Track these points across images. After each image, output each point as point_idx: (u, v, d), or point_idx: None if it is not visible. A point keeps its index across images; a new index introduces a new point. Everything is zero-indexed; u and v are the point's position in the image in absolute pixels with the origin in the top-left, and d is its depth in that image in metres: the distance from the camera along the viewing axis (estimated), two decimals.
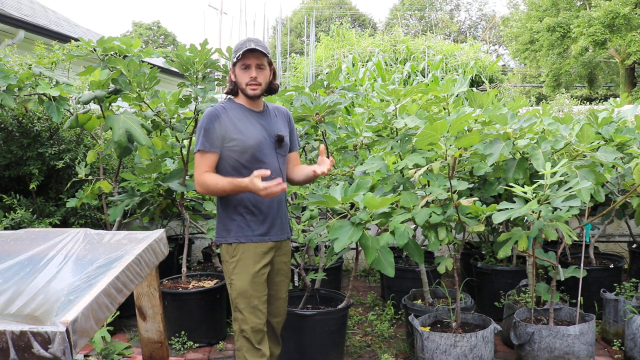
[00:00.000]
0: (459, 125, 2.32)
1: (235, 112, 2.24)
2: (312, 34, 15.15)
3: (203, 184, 2.18)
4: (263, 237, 2.27)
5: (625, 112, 3.48)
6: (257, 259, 2.25)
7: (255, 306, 2.24)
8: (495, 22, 35.30)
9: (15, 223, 3.34)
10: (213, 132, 2.18)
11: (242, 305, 2.24)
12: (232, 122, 2.21)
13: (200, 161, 2.19)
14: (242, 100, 2.29)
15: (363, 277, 5.03)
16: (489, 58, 17.12)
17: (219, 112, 2.21)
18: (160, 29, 37.04)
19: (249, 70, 2.21)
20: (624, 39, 17.40)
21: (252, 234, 2.25)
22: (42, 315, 1.12)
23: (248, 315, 2.23)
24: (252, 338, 2.24)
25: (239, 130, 2.20)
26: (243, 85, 2.23)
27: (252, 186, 2.04)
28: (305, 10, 32.01)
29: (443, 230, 2.49)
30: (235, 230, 2.25)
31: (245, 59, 2.19)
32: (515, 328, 2.86)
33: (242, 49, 2.18)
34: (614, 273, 3.75)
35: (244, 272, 2.23)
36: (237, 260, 2.25)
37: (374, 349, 3.28)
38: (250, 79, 2.21)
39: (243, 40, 2.25)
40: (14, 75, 3.03)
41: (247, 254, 2.24)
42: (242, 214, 2.25)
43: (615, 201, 3.00)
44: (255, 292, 2.24)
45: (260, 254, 2.26)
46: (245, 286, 2.23)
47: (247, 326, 2.24)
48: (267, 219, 2.28)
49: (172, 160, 3.62)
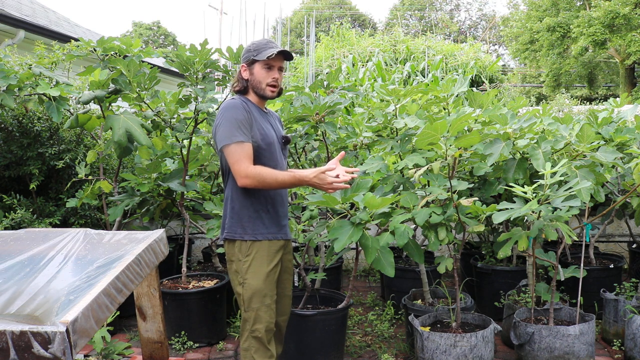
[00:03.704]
0: (459, 125, 2.32)
1: (254, 109, 2.24)
2: (312, 34, 15.15)
3: (256, 176, 2.08)
4: (277, 235, 2.29)
5: (625, 112, 3.48)
6: (271, 257, 2.25)
7: (269, 305, 2.24)
8: (495, 22, 35.29)
9: (15, 223, 3.34)
10: (247, 123, 2.14)
11: (256, 304, 2.21)
12: (255, 118, 2.20)
13: (240, 153, 2.09)
14: (252, 100, 2.27)
15: (363, 277, 5.03)
16: (489, 58, 17.12)
17: (245, 106, 2.18)
18: (160, 29, 37.03)
19: (272, 71, 2.21)
20: (624, 39, 17.40)
21: (267, 231, 2.25)
22: (42, 315, 1.12)
23: (263, 314, 2.22)
24: (264, 338, 2.23)
25: (260, 126, 2.20)
26: (263, 85, 2.22)
27: (318, 180, 2.06)
28: (305, 10, 32.01)
29: (443, 230, 2.49)
30: (251, 227, 2.22)
31: (271, 60, 2.20)
32: (515, 328, 2.86)
33: (267, 48, 2.18)
34: (614, 273, 3.75)
35: (258, 271, 2.22)
36: (252, 259, 2.22)
37: (374, 349, 3.28)
38: (273, 79, 2.21)
39: (264, 41, 2.24)
40: (14, 75, 3.03)
41: (262, 252, 2.23)
42: (259, 211, 2.24)
43: (615, 201, 3.00)
44: (269, 291, 2.24)
45: (274, 252, 2.27)
46: (260, 285, 2.21)
47: (261, 325, 2.22)
48: (280, 217, 2.31)
49: (172, 160, 3.62)
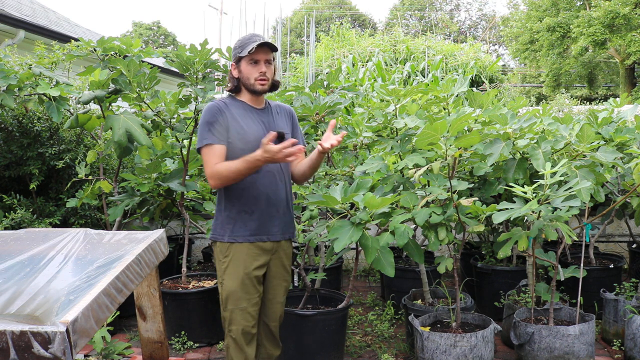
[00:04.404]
0: (459, 125, 2.32)
1: (236, 108, 2.22)
2: (312, 34, 15.15)
3: (216, 175, 2.10)
4: (260, 237, 2.21)
5: (625, 112, 3.48)
6: (250, 261, 2.20)
7: (244, 309, 2.20)
8: (495, 22, 35.29)
9: (15, 223, 3.34)
10: (218, 125, 2.15)
11: (230, 306, 2.20)
12: (234, 117, 2.18)
13: (209, 155, 2.12)
14: (244, 97, 2.26)
15: (363, 277, 5.03)
16: (489, 58, 17.12)
17: (221, 107, 2.18)
18: (160, 29, 37.04)
19: (258, 65, 2.18)
20: (624, 39, 17.41)
21: (248, 233, 2.20)
22: (42, 315, 1.12)
23: (236, 317, 2.20)
24: (239, 339, 2.21)
25: (240, 125, 2.18)
26: (252, 81, 2.19)
27: (267, 153, 1.97)
28: (305, 10, 32.01)
29: (443, 230, 2.49)
30: (231, 229, 2.20)
31: (256, 54, 2.16)
32: (515, 328, 2.86)
33: (249, 43, 2.15)
34: (613, 273, 3.75)
35: (234, 273, 2.19)
36: (230, 260, 2.20)
37: (374, 349, 3.27)
38: (260, 73, 2.18)
39: (248, 36, 2.21)
40: (14, 75, 3.03)
41: (240, 255, 2.19)
42: (241, 212, 2.19)
43: (615, 201, 2.99)
44: (245, 295, 2.19)
45: (255, 255, 2.20)
46: (235, 287, 2.18)
47: (235, 327, 2.21)
48: (268, 218, 2.23)
49: (172, 160, 3.62)
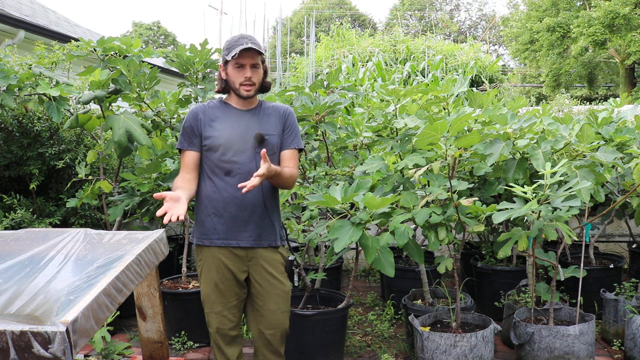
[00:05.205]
0: (459, 125, 2.32)
1: (216, 110, 2.19)
2: (312, 34, 15.14)
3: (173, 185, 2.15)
4: (229, 241, 2.15)
5: (625, 112, 3.48)
6: (220, 265, 2.16)
7: (219, 312, 2.20)
8: (495, 22, 35.29)
9: (15, 223, 3.34)
10: (190, 131, 2.17)
11: (206, 309, 2.23)
12: (209, 120, 2.17)
13: (181, 159, 2.20)
14: (232, 99, 2.21)
15: (363, 277, 5.03)
16: (489, 58, 17.12)
17: (198, 111, 2.19)
18: (160, 29, 37.04)
19: (244, 69, 2.11)
20: (624, 39, 17.41)
21: (217, 237, 2.15)
22: (42, 315, 1.12)
23: (211, 320, 2.22)
24: (217, 340, 2.23)
25: (212, 128, 2.15)
26: (237, 85, 2.13)
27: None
28: (305, 10, 32.00)
29: (443, 230, 2.49)
30: (201, 231, 2.19)
31: (240, 58, 2.08)
32: (515, 328, 2.86)
33: (235, 47, 2.06)
34: (613, 273, 3.75)
35: (206, 277, 2.19)
36: (202, 264, 2.20)
37: (374, 349, 3.27)
38: (245, 79, 2.11)
39: (236, 37, 2.12)
40: (14, 75, 3.03)
41: (210, 258, 2.17)
42: (211, 215, 2.15)
43: (615, 201, 2.99)
44: (219, 298, 2.19)
45: (226, 260, 2.16)
46: (208, 291, 2.19)
47: (211, 329, 2.23)
48: (238, 223, 2.14)
49: (172, 160, 3.61)
